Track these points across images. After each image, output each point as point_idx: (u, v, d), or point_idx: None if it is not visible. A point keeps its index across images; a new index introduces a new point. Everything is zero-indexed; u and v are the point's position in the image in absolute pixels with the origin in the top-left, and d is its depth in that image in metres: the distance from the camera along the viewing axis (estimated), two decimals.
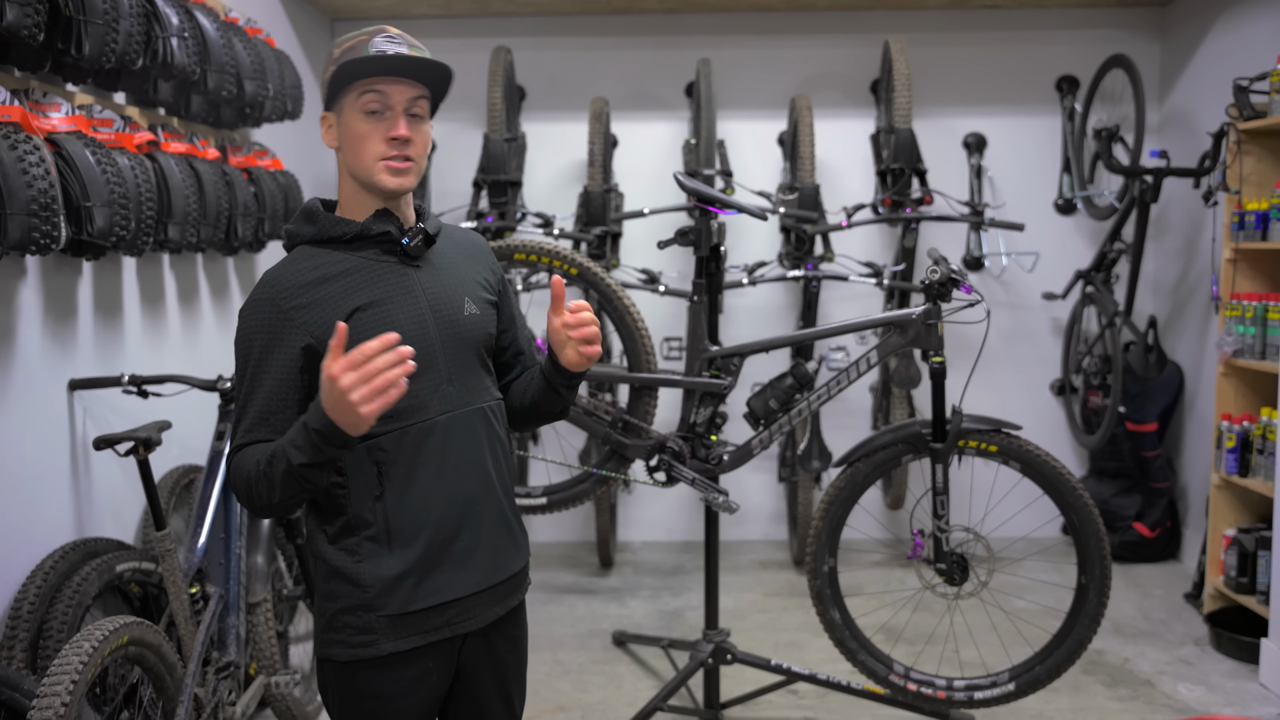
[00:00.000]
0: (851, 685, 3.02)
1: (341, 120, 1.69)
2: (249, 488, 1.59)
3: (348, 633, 1.66)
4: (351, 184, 1.71)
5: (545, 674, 3.53)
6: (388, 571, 1.65)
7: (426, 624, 1.68)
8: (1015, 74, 4.95)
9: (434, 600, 1.68)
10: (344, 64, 1.65)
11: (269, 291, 1.63)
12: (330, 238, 1.69)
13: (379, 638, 1.65)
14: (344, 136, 1.69)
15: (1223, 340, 3.79)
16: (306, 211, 1.72)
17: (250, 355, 1.63)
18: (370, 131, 1.66)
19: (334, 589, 1.67)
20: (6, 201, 2.22)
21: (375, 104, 1.66)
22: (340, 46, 1.69)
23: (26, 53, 2.42)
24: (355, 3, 4.69)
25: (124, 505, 2.96)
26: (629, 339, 3.05)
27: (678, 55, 4.94)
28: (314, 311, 1.62)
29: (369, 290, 1.66)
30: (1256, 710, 3.23)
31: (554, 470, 3.37)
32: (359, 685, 1.67)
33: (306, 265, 1.66)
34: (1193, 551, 4.50)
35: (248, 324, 1.64)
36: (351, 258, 1.68)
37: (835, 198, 4.75)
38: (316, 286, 1.64)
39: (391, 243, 1.70)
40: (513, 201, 4.34)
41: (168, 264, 3.27)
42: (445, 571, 1.69)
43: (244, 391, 1.63)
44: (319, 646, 1.72)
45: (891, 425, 3.31)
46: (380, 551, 1.65)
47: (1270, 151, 3.77)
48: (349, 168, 1.70)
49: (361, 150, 1.66)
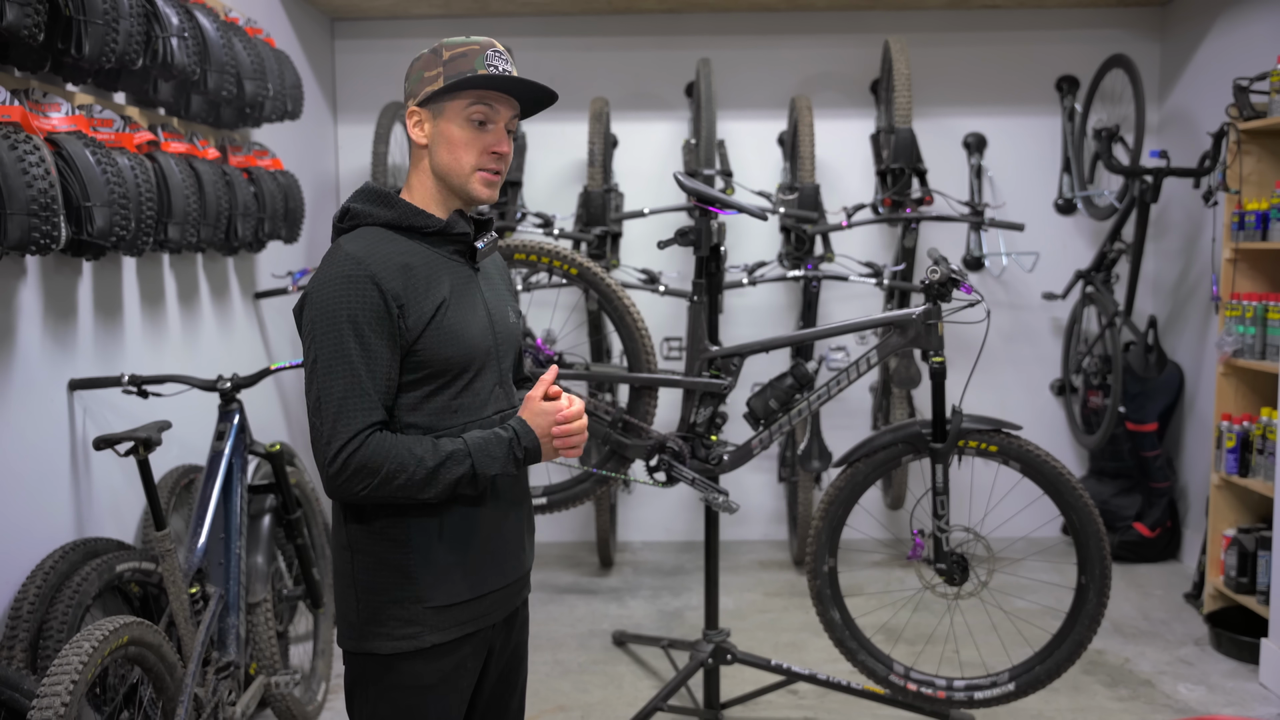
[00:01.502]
0: (851, 685, 3.02)
1: (441, 121, 1.72)
2: (393, 476, 1.59)
3: (393, 625, 1.68)
4: (433, 182, 1.74)
5: (545, 674, 3.53)
6: (439, 561, 1.69)
7: (467, 615, 1.73)
8: (1015, 74, 4.95)
9: (477, 592, 1.73)
10: (468, 76, 1.68)
11: (365, 269, 1.61)
12: (411, 226, 1.71)
13: (424, 629, 1.69)
14: (441, 138, 1.72)
15: (1223, 340, 3.79)
16: (377, 194, 1.73)
17: (350, 329, 1.59)
18: (473, 141, 1.71)
19: (379, 581, 1.68)
20: (6, 201, 2.22)
21: (482, 115, 1.71)
22: (451, 50, 1.72)
23: (26, 53, 2.42)
24: (355, 3, 4.69)
25: (124, 505, 2.96)
26: (629, 339, 3.05)
27: (678, 55, 4.94)
28: (409, 295, 1.64)
29: (447, 286, 1.71)
30: (1256, 710, 3.23)
31: (554, 470, 3.37)
32: (401, 678, 1.70)
33: (391, 249, 1.66)
34: (1193, 551, 4.50)
35: (342, 297, 1.60)
36: (428, 250, 1.71)
37: (835, 198, 4.75)
38: (406, 272, 1.65)
39: (464, 243, 1.76)
40: (513, 201, 4.34)
41: (168, 264, 3.27)
42: (487, 565, 1.75)
43: (345, 368, 1.59)
44: (355, 640, 1.71)
45: (891, 425, 3.31)
46: (431, 544, 1.69)
47: (1270, 151, 3.77)
48: (439, 168, 1.73)
49: (461, 157, 1.71)
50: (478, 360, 1.73)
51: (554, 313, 4.69)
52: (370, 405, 1.60)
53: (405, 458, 1.59)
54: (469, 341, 1.71)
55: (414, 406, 1.68)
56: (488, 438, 1.66)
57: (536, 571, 4.65)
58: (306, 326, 1.64)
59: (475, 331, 1.73)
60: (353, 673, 1.74)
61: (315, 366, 1.61)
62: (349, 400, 1.59)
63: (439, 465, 1.61)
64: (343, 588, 1.73)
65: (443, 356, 1.67)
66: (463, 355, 1.70)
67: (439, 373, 1.68)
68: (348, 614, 1.73)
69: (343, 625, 1.74)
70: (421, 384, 1.68)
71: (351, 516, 1.71)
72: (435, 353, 1.67)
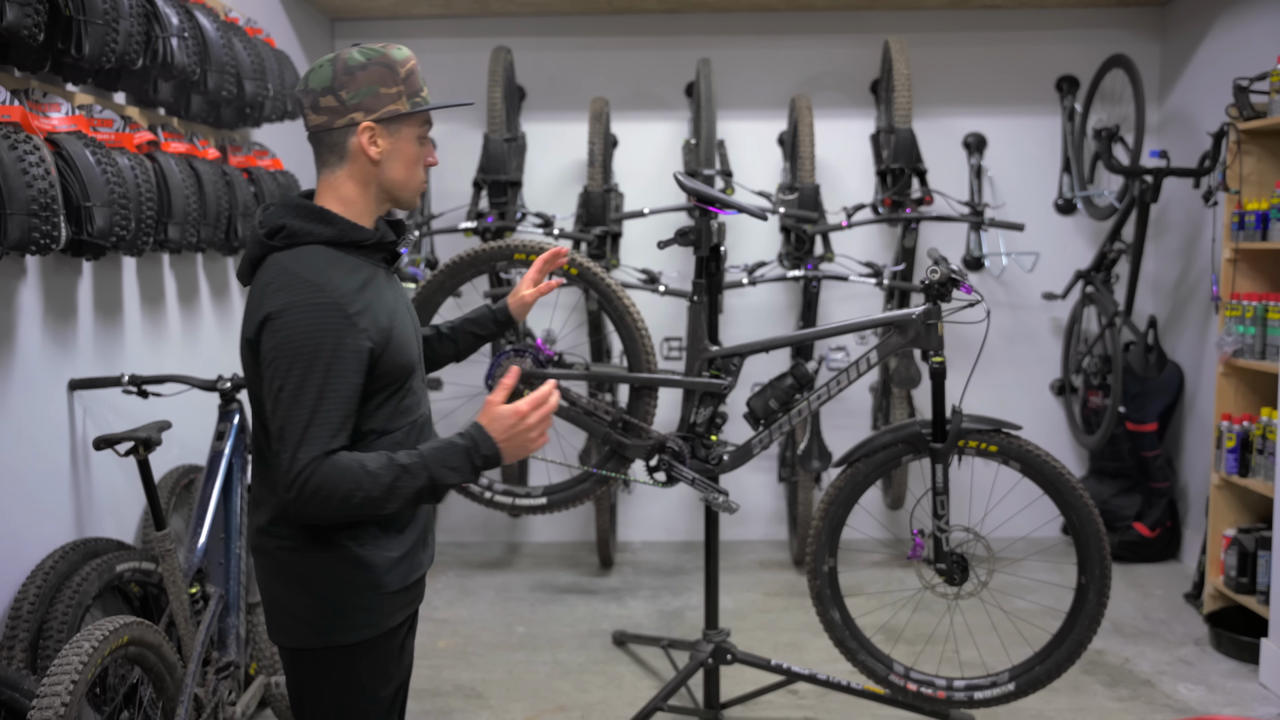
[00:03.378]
0: (851, 685, 3.02)
1: (398, 139, 1.77)
2: (349, 496, 1.60)
3: (356, 615, 1.74)
4: (371, 193, 1.78)
5: (545, 674, 3.53)
6: (391, 550, 1.76)
7: (409, 596, 1.84)
8: (1015, 74, 4.95)
9: (417, 574, 1.84)
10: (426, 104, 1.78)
11: (327, 296, 1.64)
12: (351, 241, 1.74)
13: (382, 615, 1.76)
14: (395, 154, 1.77)
15: (1223, 340, 3.79)
16: (311, 211, 1.73)
17: (317, 361, 1.61)
18: (420, 157, 1.81)
19: (341, 575, 1.72)
20: (6, 201, 2.22)
21: (425, 133, 1.82)
22: (404, 66, 1.76)
23: (26, 53, 2.42)
24: (355, 3, 4.69)
25: (124, 505, 2.96)
26: (629, 339, 3.05)
27: (678, 55, 4.94)
28: (369, 318, 1.68)
29: (389, 296, 1.78)
30: (1256, 710, 3.23)
31: (554, 470, 3.37)
32: (361, 663, 1.76)
33: (342, 270, 1.70)
34: (1193, 551, 4.50)
35: (309, 329, 1.62)
36: (365, 263, 1.76)
37: (835, 198, 4.75)
38: (362, 292, 1.70)
39: (389, 250, 1.83)
40: (513, 201, 4.33)
41: (168, 264, 3.27)
42: (421, 549, 1.86)
43: (310, 398, 1.61)
44: (316, 636, 1.74)
45: (891, 425, 3.31)
46: (382, 536, 1.76)
47: (1270, 151, 3.77)
48: (390, 183, 1.78)
49: (415, 172, 1.80)
50: (415, 361, 1.82)
51: (554, 313, 4.69)
52: (331, 434, 1.62)
53: (361, 476, 1.61)
54: (411, 347, 1.80)
55: (370, 414, 1.73)
56: (443, 448, 1.67)
57: (537, 571, 4.65)
58: (268, 354, 1.63)
59: (411, 335, 1.81)
60: (307, 670, 1.77)
61: (280, 396, 1.62)
62: (311, 429, 1.60)
63: (395, 480, 1.62)
64: (288, 587, 1.74)
65: (397, 365, 1.74)
66: (409, 361, 1.78)
67: (393, 381, 1.75)
68: (298, 612, 1.74)
69: (293, 625, 1.75)
70: (380, 393, 1.73)
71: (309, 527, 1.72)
72: (392, 364, 1.73)
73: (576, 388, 3.29)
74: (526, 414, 1.68)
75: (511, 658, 3.67)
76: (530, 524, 5.11)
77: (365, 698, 1.78)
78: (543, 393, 1.71)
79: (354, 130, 1.73)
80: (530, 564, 4.77)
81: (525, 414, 1.68)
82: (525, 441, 1.70)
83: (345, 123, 1.73)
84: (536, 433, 1.70)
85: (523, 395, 3.06)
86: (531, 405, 1.69)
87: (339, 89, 1.72)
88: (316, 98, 1.73)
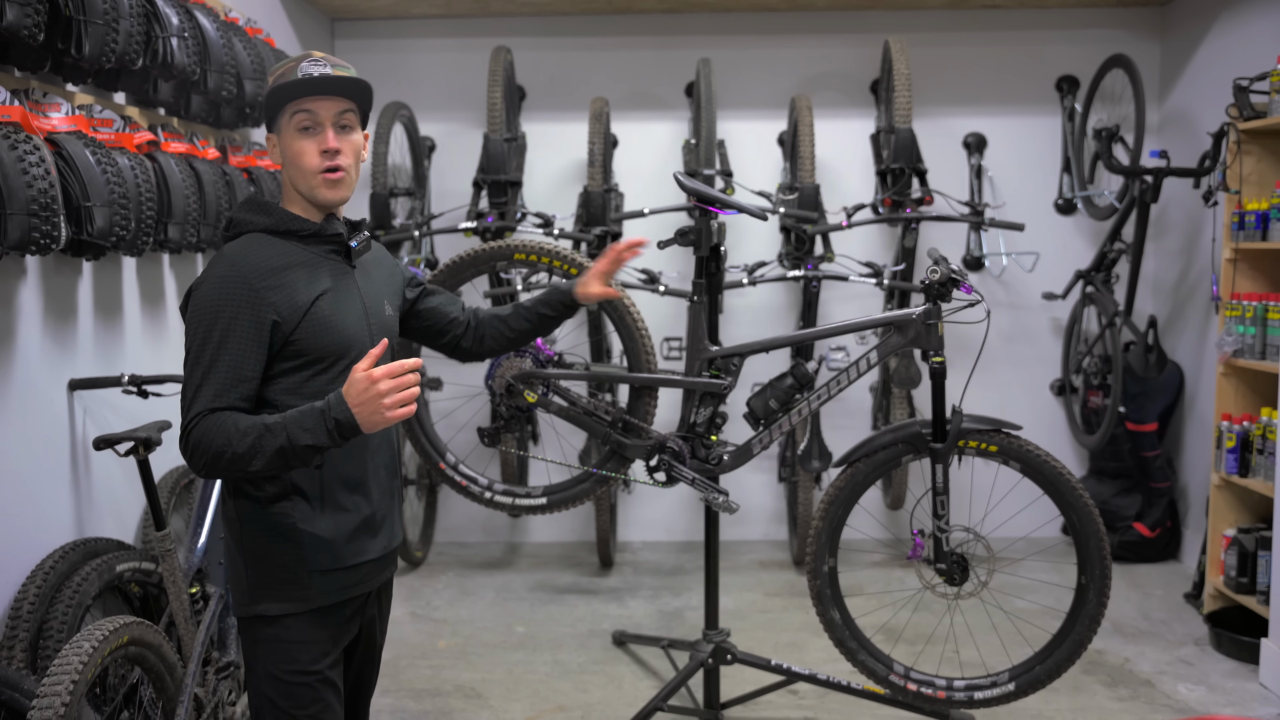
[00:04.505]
0: (851, 685, 3.02)
1: (281, 140, 1.89)
2: (221, 452, 1.70)
3: (283, 588, 1.84)
4: (297, 200, 1.91)
5: (545, 674, 3.53)
6: (322, 531, 1.86)
7: (348, 580, 1.90)
8: (1015, 74, 4.95)
9: (358, 559, 1.91)
10: (275, 89, 1.85)
11: (238, 270, 1.78)
12: (287, 230, 1.88)
13: (311, 593, 1.85)
14: (285, 155, 1.89)
15: (1223, 340, 3.79)
16: (258, 203, 1.90)
17: (215, 326, 1.75)
18: (305, 147, 1.86)
19: (268, 549, 1.84)
20: (6, 201, 2.22)
21: (307, 121, 1.86)
22: (274, 74, 1.89)
23: (26, 53, 2.42)
24: (355, 3, 4.69)
25: (124, 505, 2.96)
26: (629, 339, 3.05)
27: (678, 55, 4.94)
28: (282, 293, 1.80)
29: (324, 280, 1.88)
30: (1256, 710, 3.23)
31: (554, 470, 3.37)
32: (290, 635, 1.85)
33: (269, 251, 1.83)
34: (1193, 551, 4.50)
35: (213, 298, 1.76)
36: (305, 251, 1.88)
37: (835, 198, 4.75)
38: (282, 272, 1.82)
39: (339, 243, 1.93)
40: (513, 201, 4.33)
41: (168, 264, 3.27)
42: (366, 535, 1.92)
43: (205, 360, 1.75)
44: (247, 604, 1.86)
45: (891, 425, 3.31)
46: (314, 514, 1.85)
47: (1270, 151, 3.77)
48: (293, 184, 1.89)
49: (301, 165, 1.87)
50: (354, 348, 1.88)
51: None
52: (216, 393, 1.74)
53: (230, 433, 1.71)
54: (344, 331, 1.88)
55: (293, 390, 1.83)
56: (303, 410, 1.74)
57: (537, 571, 4.65)
58: (186, 323, 1.80)
59: (350, 322, 1.89)
60: (246, 639, 1.89)
61: (186, 359, 1.78)
62: (201, 389, 1.74)
63: (258, 438, 1.70)
64: (232, 558, 1.89)
65: (319, 345, 1.84)
66: (337, 344, 1.86)
67: (316, 359, 1.84)
68: (239, 581, 1.88)
69: (235, 594, 1.89)
70: (299, 370, 1.83)
71: (240, 492, 1.86)
72: (311, 341, 1.83)
73: (577, 388, 3.29)
74: (378, 380, 1.69)
75: (511, 658, 3.67)
76: (530, 524, 5.11)
77: (294, 671, 1.85)
78: (400, 364, 1.71)
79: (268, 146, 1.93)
80: (530, 564, 4.77)
81: (377, 380, 1.69)
82: (378, 408, 1.69)
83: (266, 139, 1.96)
84: (390, 400, 1.69)
85: (523, 396, 3.07)
86: (385, 373, 1.70)
87: None
88: None
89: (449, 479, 3.24)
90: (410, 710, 3.26)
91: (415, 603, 4.20)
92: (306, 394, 1.83)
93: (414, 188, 4.72)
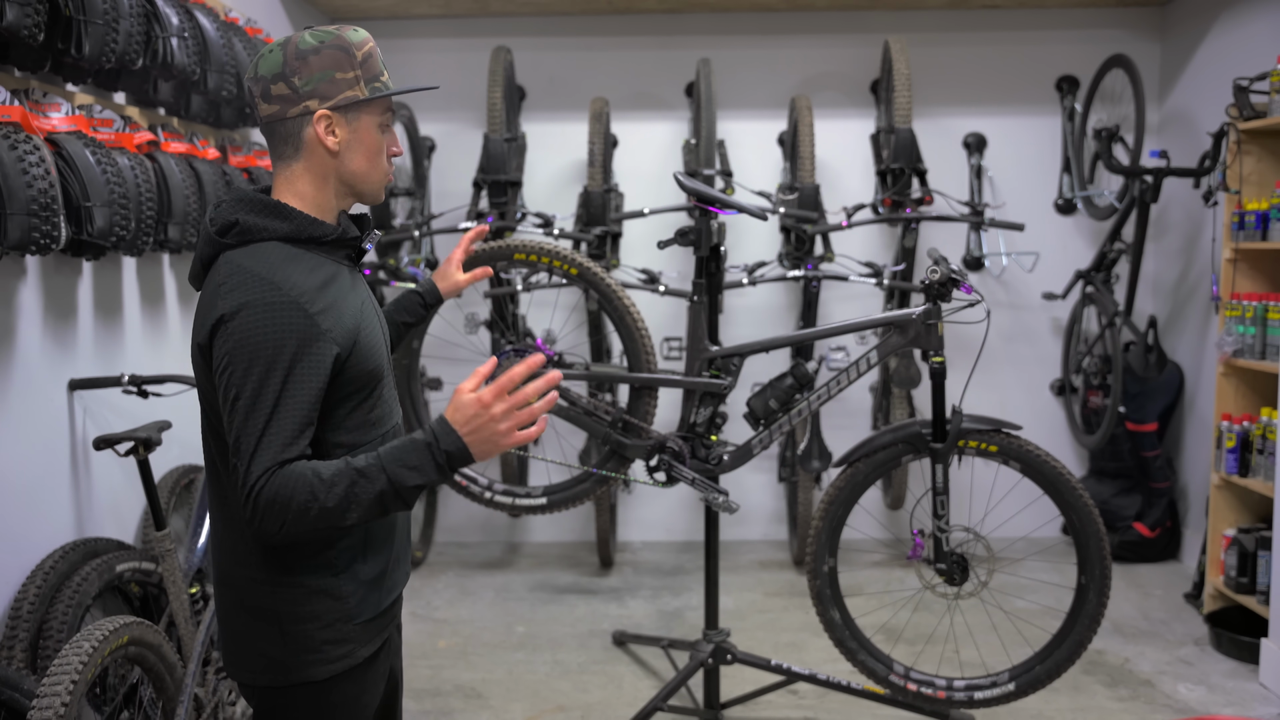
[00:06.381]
0: (851, 685, 3.02)
1: (357, 128, 1.63)
2: (306, 508, 1.45)
3: (328, 649, 1.62)
4: (330, 187, 1.64)
5: (545, 674, 3.53)
6: (365, 576, 1.65)
7: (384, 621, 1.72)
8: (1015, 74, 4.95)
9: (392, 596, 1.72)
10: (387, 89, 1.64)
11: (287, 294, 1.50)
12: (310, 237, 1.61)
13: (356, 645, 1.64)
14: (355, 144, 1.63)
15: (1223, 340, 3.79)
16: (265, 205, 1.59)
17: (278, 362, 1.47)
18: (383, 147, 1.67)
19: (312, 610, 1.60)
20: (6, 201, 2.22)
21: (388, 122, 1.69)
22: (360, 50, 1.62)
23: (26, 53, 2.42)
24: (355, 2, 4.69)
25: (124, 505, 2.96)
26: (629, 339, 3.05)
27: (678, 55, 4.94)
28: (333, 318, 1.55)
29: (355, 296, 1.65)
30: (1256, 710, 3.23)
31: (554, 470, 3.37)
32: (334, 697, 1.64)
33: (302, 266, 1.56)
34: (1193, 551, 4.50)
35: (268, 330, 1.48)
36: (328, 261, 1.62)
37: (835, 198, 4.75)
38: (324, 291, 1.56)
39: (354, 247, 1.69)
40: (513, 201, 4.33)
41: (168, 264, 3.27)
42: (397, 568, 1.73)
43: (266, 405, 1.47)
44: (284, 674, 1.61)
45: (891, 425, 3.31)
46: (356, 559, 1.64)
47: (1270, 151, 3.77)
48: (350, 175, 1.64)
49: (377, 163, 1.67)
50: (384, 367, 1.68)
51: (554, 313, 4.69)
52: (285, 443, 1.47)
53: (315, 484, 1.45)
54: (380, 349, 1.66)
55: (338, 425, 1.59)
56: (402, 445, 1.49)
57: (537, 571, 4.65)
58: (222, 360, 1.49)
59: (378, 339, 1.67)
60: (276, 707, 1.64)
61: (236, 405, 1.47)
62: (265, 438, 1.46)
63: (351, 485, 1.46)
64: (253, 623, 1.61)
65: (366, 371, 1.61)
66: (378, 366, 1.64)
67: (361, 388, 1.61)
68: (267, 650, 1.61)
69: (259, 662, 1.62)
70: (346, 401, 1.59)
71: (274, 559, 1.60)
72: (359, 369, 1.59)
73: (576, 388, 3.30)
74: (490, 404, 1.46)
75: (511, 658, 3.67)
76: (530, 524, 5.11)
77: None
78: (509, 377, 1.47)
79: (309, 120, 1.59)
80: (530, 564, 4.77)
81: (489, 404, 1.46)
82: (493, 434, 1.47)
83: (299, 111, 1.59)
84: (506, 425, 1.47)
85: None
86: (495, 394, 1.46)
87: (291, 75, 1.58)
88: (267, 85, 1.58)
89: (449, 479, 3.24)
90: (410, 710, 3.26)
91: (415, 603, 4.20)
92: (349, 428, 1.60)
93: (414, 188, 4.72)
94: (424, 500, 4.79)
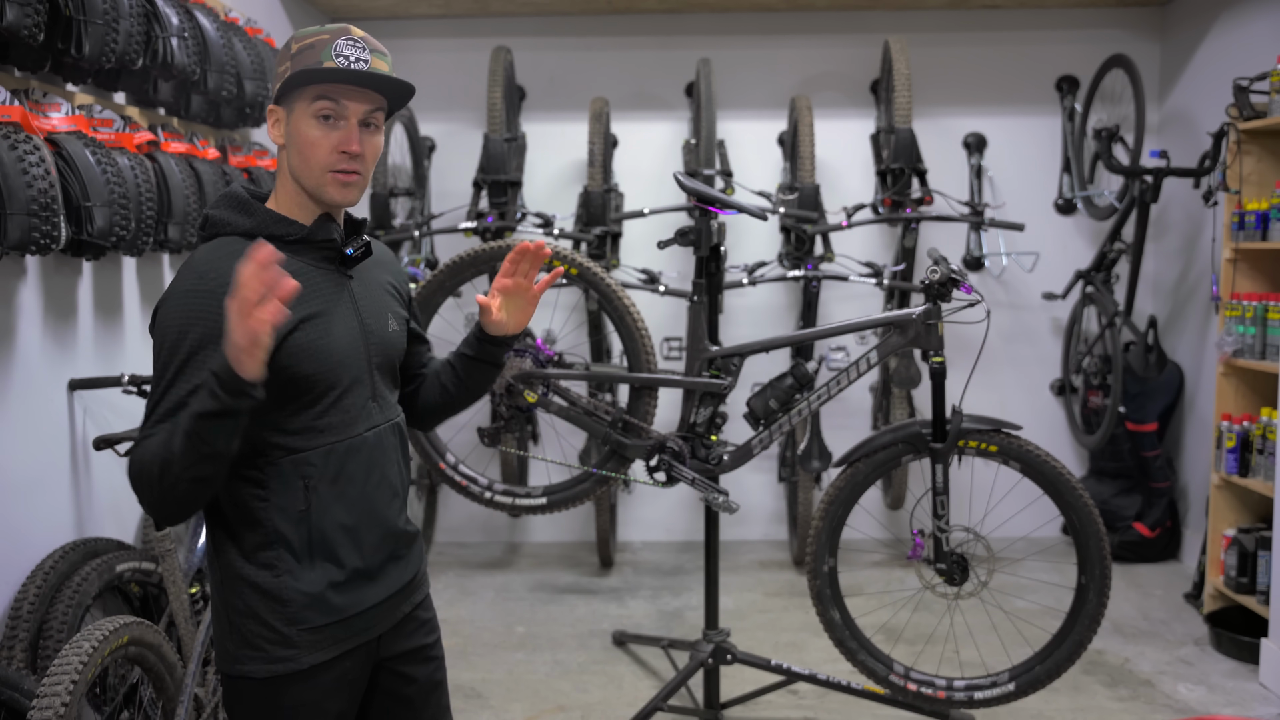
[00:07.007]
0: (851, 685, 3.02)
1: (291, 119, 1.59)
2: (149, 467, 1.44)
3: (268, 648, 1.59)
4: (293, 185, 1.62)
5: (545, 674, 3.53)
6: (310, 586, 1.60)
7: (346, 632, 1.65)
8: (1015, 74, 4.95)
9: (354, 610, 1.65)
10: (303, 70, 1.56)
11: (207, 284, 1.50)
12: (272, 235, 1.58)
13: (300, 652, 1.60)
14: (291, 137, 1.60)
15: (1223, 340, 3.79)
16: (237, 200, 1.60)
17: (180, 346, 1.49)
18: (320, 139, 1.58)
19: (250, 604, 1.59)
20: (6, 201, 2.22)
21: (329, 110, 1.58)
22: (300, 42, 1.60)
23: (26, 53, 2.42)
24: (355, 2, 4.69)
25: (124, 505, 2.96)
26: (629, 339, 3.05)
27: (678, 55, 4.94)
28: None
29: (312, 299, 1.59)
30: (1256, 710, 3.23)
31: (554, 470, 3.37)
32: (280, 699, 1.61)
33: None
34: (1193, 551, 4.50)
35: (180, 313, 1.50)
36: (292, 260, 1.57)
37: (835, 198, 4.75)
38: None
39: (332, 250, 1.64)
40: (513, 201, 4.34)
41: (168, 264, 3.27)
42: (363, 582, 1.66)
43: (165, 382, 1.49)
44: (228, 663, 1.62)
45: (891, 425, 3.31)
46: (300, 566, 1.60)
47: (1270, 151, 3.77)
48: (293, 170, 1.61)
49: (310, 157, 1.58)
50: (346, 376, 1.62)
51: (554, 313, 4.69)
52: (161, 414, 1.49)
53: (155, 444, 1.45)
54: (334, 356, 1.60)
55: (277, 427, 1.56)
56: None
57: (537, 571, 4.65)
58: (153, 345, 1.54)
59: (342, 345, 1.61)
60: (230, 696, 1.65)
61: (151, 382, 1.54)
62: (153, 417, 1.49)
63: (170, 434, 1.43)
64: (217, 615, 1.65)
65: (303, 374, 1.56)
66: (326, 372, 1.59)
67: (301, 391, 1.57)
68: (222, 639, 1.63)
69: (219, 649, 1.65)
70: (289, 403, 1.56)
71: (222, 546, 1.62)
72: (295, 370, 1.55)
73: (577, 388, 3.29)
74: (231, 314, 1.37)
75: (511, 658, 3.67)
76: (530, 524, 5.11)
77: None
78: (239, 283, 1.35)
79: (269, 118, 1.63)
80: (530, 564, 4.77)
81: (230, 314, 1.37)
82: (231, 334, 1.36)
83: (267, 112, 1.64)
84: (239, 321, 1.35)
85: (523, 395, 3.06)
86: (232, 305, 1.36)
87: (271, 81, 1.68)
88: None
89: (449, 479, 3.24)
90: None
91: None
92: (290, 431, 1.57)
93: (414, 188, 4.72)
94: (424, 500, 4.79)
